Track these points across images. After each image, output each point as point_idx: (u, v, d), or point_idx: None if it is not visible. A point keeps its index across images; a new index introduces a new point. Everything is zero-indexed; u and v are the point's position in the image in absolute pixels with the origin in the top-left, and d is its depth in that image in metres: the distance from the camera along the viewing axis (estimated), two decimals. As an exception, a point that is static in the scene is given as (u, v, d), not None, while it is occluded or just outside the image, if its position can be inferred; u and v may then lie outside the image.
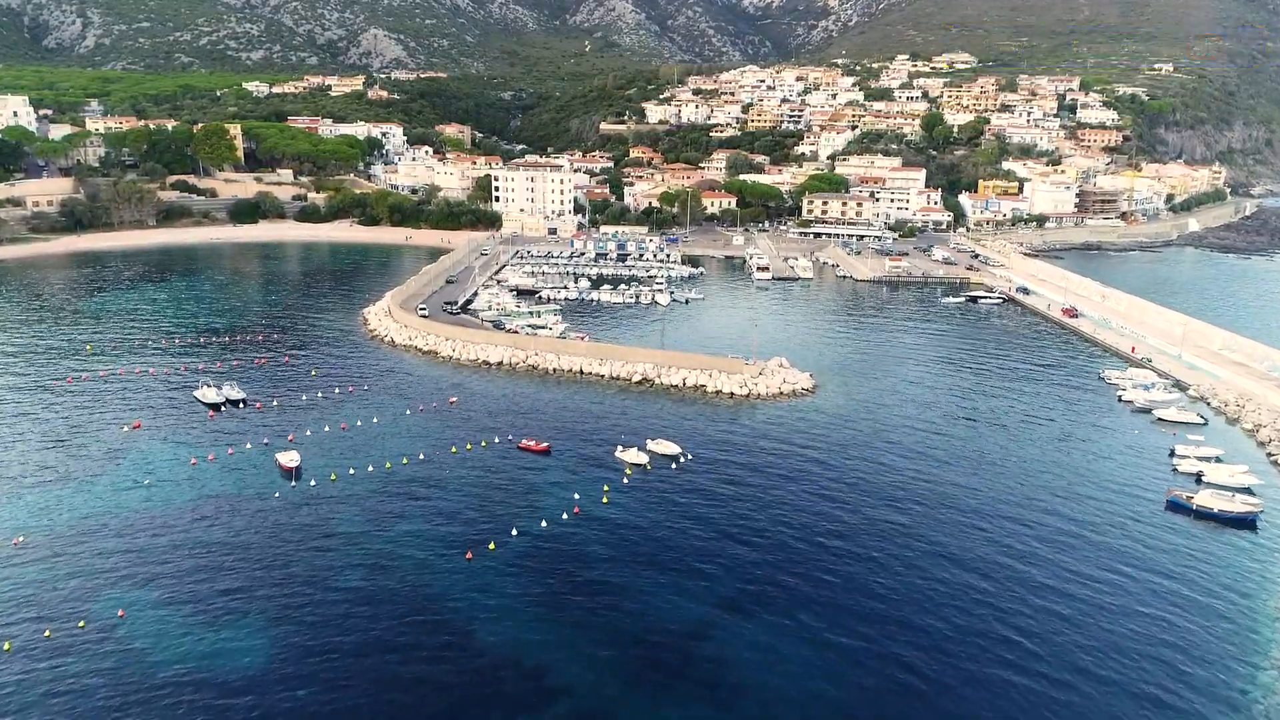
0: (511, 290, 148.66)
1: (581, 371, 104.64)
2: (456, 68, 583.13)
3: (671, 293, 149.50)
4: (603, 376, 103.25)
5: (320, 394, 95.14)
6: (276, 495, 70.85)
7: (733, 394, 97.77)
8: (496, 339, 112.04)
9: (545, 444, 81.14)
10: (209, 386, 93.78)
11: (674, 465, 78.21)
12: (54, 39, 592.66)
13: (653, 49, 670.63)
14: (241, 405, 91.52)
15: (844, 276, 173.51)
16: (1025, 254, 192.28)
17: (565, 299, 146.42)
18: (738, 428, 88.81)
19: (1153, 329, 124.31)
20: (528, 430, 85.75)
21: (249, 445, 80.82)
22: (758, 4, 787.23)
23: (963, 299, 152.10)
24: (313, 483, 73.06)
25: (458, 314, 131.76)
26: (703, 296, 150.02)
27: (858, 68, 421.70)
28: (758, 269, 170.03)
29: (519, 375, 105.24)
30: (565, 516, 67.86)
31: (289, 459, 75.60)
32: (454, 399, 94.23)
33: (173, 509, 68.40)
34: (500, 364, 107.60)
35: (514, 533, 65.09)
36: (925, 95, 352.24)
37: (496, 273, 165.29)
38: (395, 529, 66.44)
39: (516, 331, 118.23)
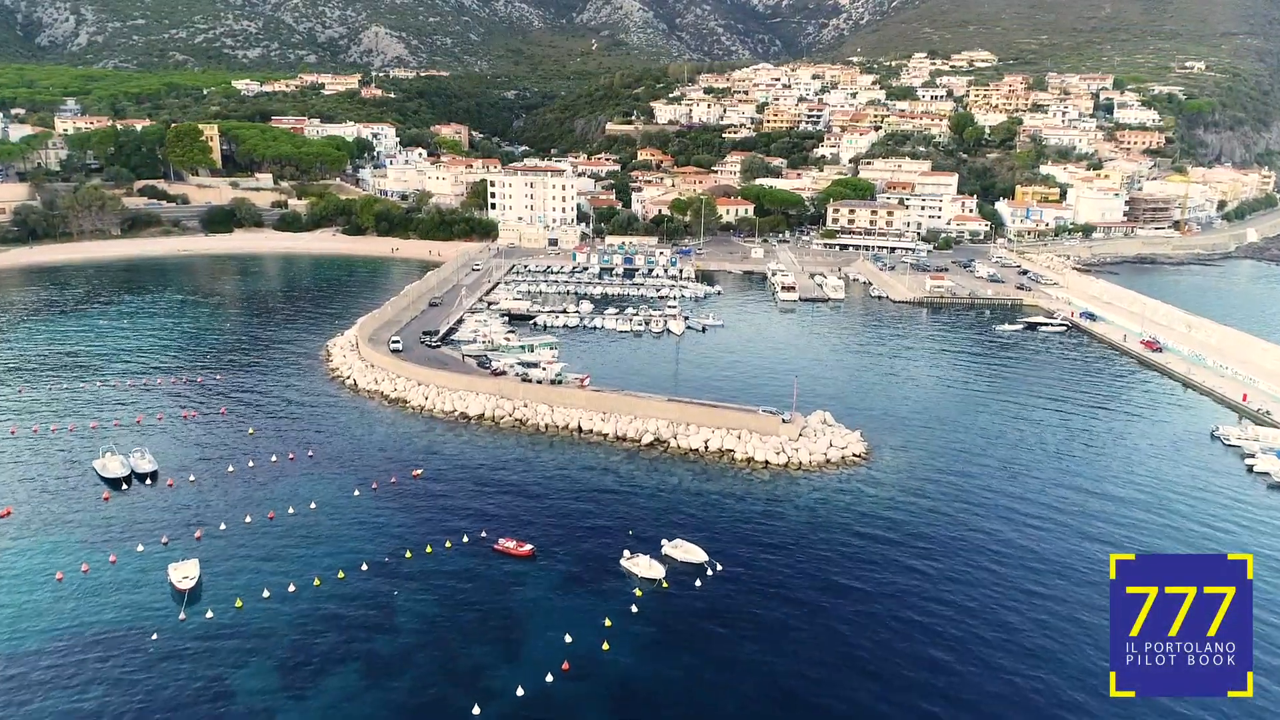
0: (503, 316, 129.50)
1: (580, 429, 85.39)
2: (460, 66, 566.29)
3: (686, 318, 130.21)
4: (605, 436, 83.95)
5: (252, 463, 76.03)
6: (155, 636, 51.64)
7: (767, 462, 78.38)
8: (478, 384, 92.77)
9: (529, 546, 61.93)
10: (113, 454, 74.89)
11: (699, 582, 58.84)
12: (47, 36, 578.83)
13: (661, 47, 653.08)
14: (150, 481, 72.59)
15: (879, 297, 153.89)
16: (1078, 269, 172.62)
17: (564, 326, 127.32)
18: (778, 514, 69.44)
19: (1259, 369, 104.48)
20: (508, 520, 66.61)
21: (141, 547, 61.68)
22: (767, 2, 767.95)
23: (1020, 326, 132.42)
24: (209, 613, 53.84)
25: (437, 346, 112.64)
26: (722, 323, 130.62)
27: (875, 65, 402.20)
28: (783, 288, 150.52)
29: (503, 432, 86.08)
30: (550, 678, 48.45)
31: (184, 574, 56.55)
32: (418, 471, 75.08)
33: (3, 659, 49.45)
34: (481, 417, 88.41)
35: (476, 710, 45.85)
36: (950, 94, 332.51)
37: (488, 292, 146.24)
38: (313, 695, 47.34)
39: (504, 372, 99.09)
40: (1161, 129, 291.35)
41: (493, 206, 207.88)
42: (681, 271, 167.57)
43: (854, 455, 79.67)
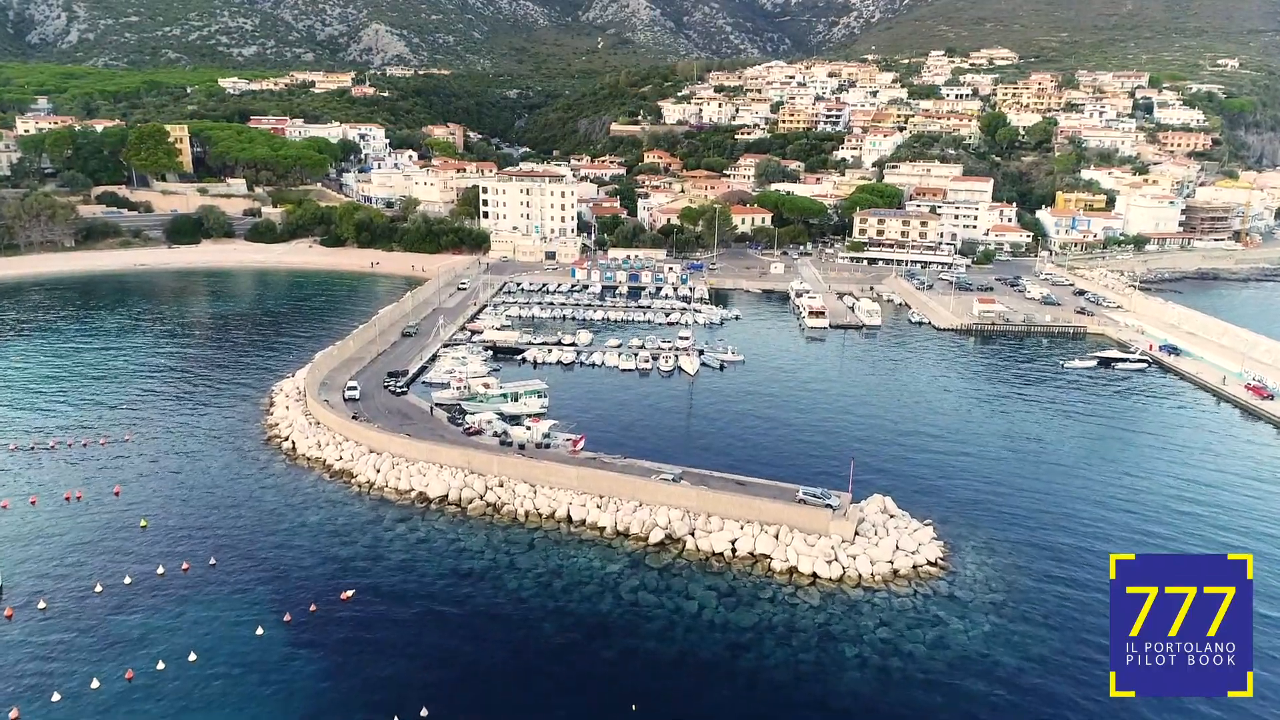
0: (486, 351, 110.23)
1: (570, 519, 66.23)
2: (462, 65, 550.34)
3: (700, 352, 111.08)
4: (603, 530, 64.77)
5: (129, 579, 56.98)
6: None
7: (815, 576, 59.15)
8: (441, 454, 73.46)
9: (485, 742, 42.98)
10: (-56, 565, 56.28)
11: (736, 813, 39.82)
12: (38, 34, 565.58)
13: (668, 46, 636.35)
14: (-16, 608, 53.86)
15: (919, 322, 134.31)
16: (1141, 289, 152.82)
17: (559, 363, 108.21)
18: (839, 665, 50.09)
19: None
20: (458, 683, 47.54)
21: (-77, 739, 43.06)
22: (776, 0, 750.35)
23: (1092, 362, 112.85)
24: None
25: (403, 392, 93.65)
26: (742, 358, 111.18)
27: (891, 64, 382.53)
28: (810, 313, 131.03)
29: (471, 522, 66.84)
30: None
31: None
32: (349, 592, 56.04)
33: None
34: (444, 499, 69.31)
35: None
36: (976, 93, 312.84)
37: (472, 318, 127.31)
38: None
39: (480, 431, 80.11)
40: (1207, 130, 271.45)
41: (485, 215, 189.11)
42: (693, 290, 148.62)
43: (928, 563, 60.32)
